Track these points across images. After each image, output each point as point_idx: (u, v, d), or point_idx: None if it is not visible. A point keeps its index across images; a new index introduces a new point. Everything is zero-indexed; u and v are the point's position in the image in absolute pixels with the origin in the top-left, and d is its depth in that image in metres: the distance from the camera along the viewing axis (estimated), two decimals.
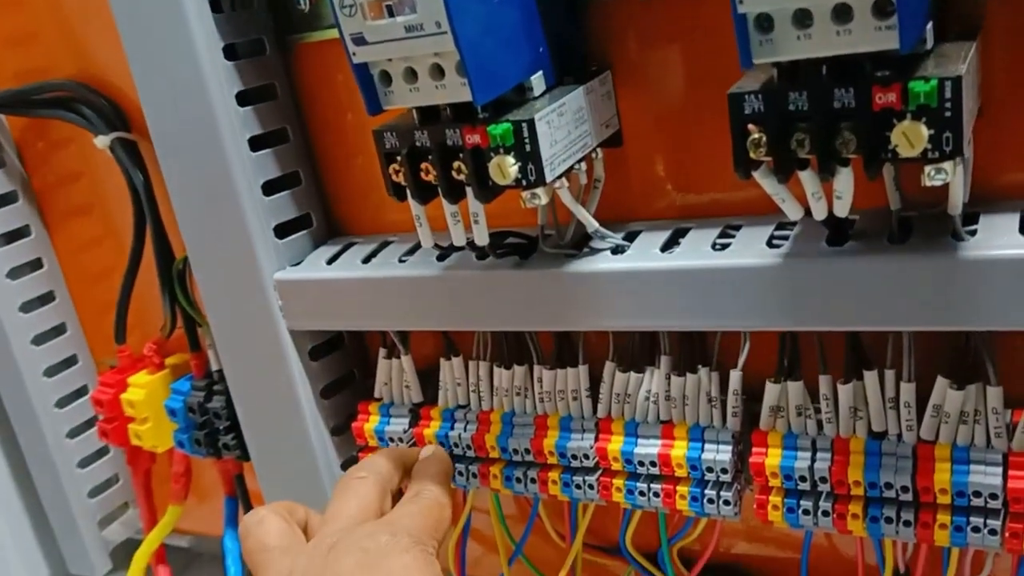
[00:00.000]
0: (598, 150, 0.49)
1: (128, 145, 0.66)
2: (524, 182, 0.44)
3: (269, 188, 0.58)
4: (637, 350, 0.54)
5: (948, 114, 0.35)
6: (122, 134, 0.65)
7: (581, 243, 0.51)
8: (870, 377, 0.47)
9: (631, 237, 0.50)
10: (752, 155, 0.38)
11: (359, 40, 0.43)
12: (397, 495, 0.48)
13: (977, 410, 0.45)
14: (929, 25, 0.37)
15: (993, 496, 0.44)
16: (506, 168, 0.43)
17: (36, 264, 0.77)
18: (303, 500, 0.64)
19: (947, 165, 0.36)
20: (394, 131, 0.46)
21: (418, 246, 0.57)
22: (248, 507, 0.73)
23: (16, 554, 0.85)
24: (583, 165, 0.48)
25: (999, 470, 0.44)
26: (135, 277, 0.69)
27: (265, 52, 0.57)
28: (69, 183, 0.75)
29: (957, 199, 0.40)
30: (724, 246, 0.47)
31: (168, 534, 0.79)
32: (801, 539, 0.56)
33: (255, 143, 0.57)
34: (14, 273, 0.76)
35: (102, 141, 0.65)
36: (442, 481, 0.47)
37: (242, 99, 0.56)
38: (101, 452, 0.83)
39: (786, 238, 0.46)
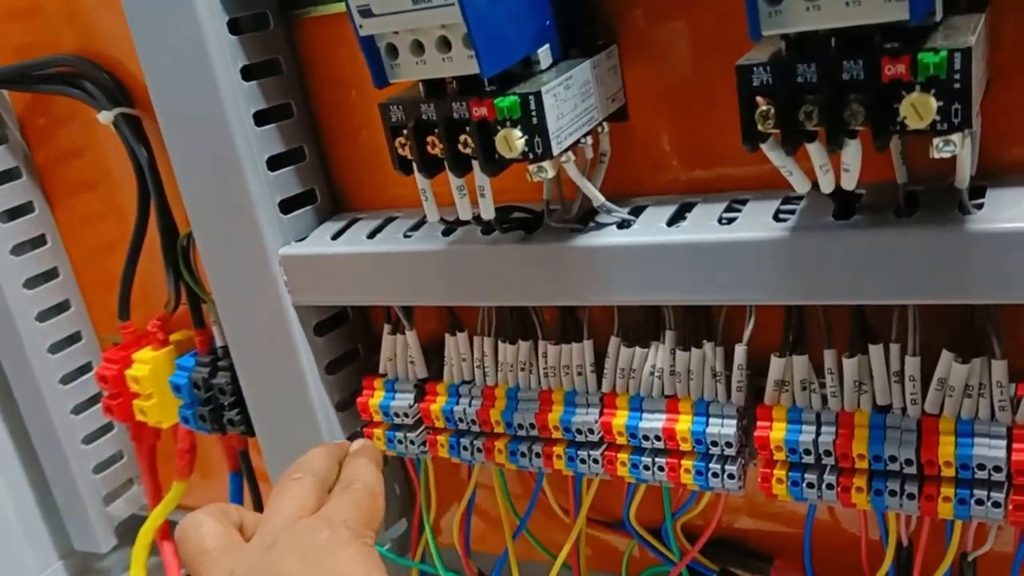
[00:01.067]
0: (604, 124, 0.49)
1: (131, 121, 0.65)
2: (531, 155, 0.43)
3: (273, 163, 0.58)
4: (642, 325, 0.54)
5: (957, 85, 0.35)
6: (125, 109, 0.65)
7: (587, 218, 0.51)
8: (875, 351, 0.47)
9: (637, 212, 0.50)
10: (760, 127, 0.38)
11: (366, 12, 0.43)
12: None
13: (982, 384, 0.45)
14: None
15: (997, 468, 0.44)
16: (513, 141, 0.43)
17: (39, 241, 0.77)
18: None
19: (956, 137, 0.36)
20: (400, 104, 0.46)
21: (423, 221, 0.57)
22: (253, 483, 0.74)
23: (22, 530, 0.86)
24: (589, 139, 0.48)
25: (1003, 443, 0.45)
26: (139, 253, 0.69)
27: (269, 26, 0.57)
28: (72, 159, 0.75)
29: (964, 172, 0.40)
30: (730, 220, 0.47)
31: (173, 510, 0.80)
32: (804, 515, 0.57)
33: (259, 118, 0.57)
34: (17, 250, 0.76)
35: (105, 116, 0.65)
36: (372, 471, 0.47)
37: (246, 74, 0.56)
38: (105, 428, 0.83)
39: (793, 212, 0.46)
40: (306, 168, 0.60)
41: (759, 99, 0.38)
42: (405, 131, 0.46)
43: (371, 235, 0.57)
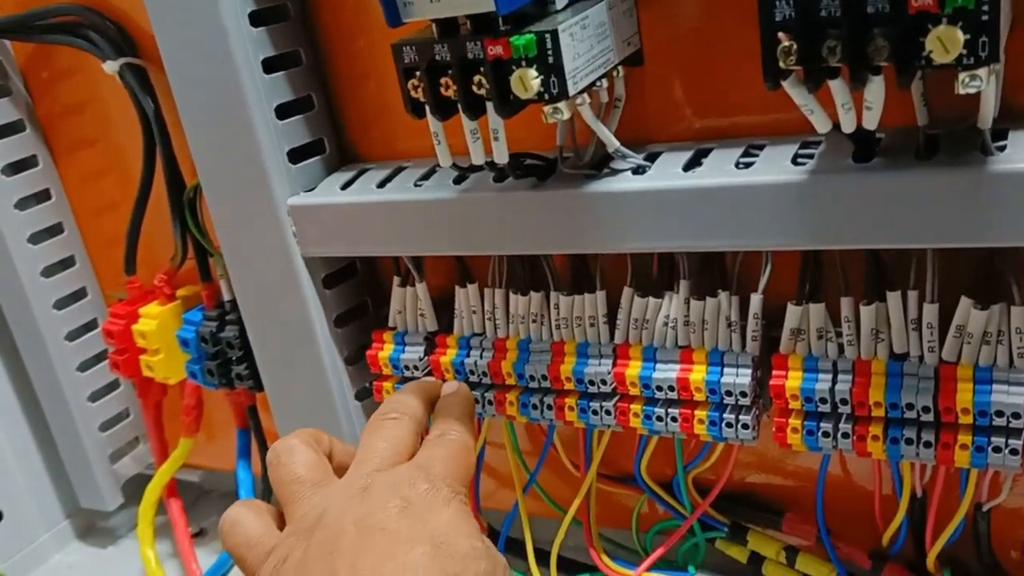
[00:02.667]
0: (619, 68, 0.48)
1: (137, 71, 0.65)
2: (546, 95, 0.43)
3: (282, 112, 0.57)
4: (656, 275, 0.53)
5: (985, 17, 0.34)
6: (131, 59, 0.64)
7: (601, 164, 0.50)
8: (893, 298, 0.46)
9: (652, 158, 0.49)
10: (782, 64, 0.38)
11: None
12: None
13: (1001, 330, 0.45)
14: None
15: (1016, 415, 0.44)
16: (528, 81, 0.42)
17: (44, 195, 0.76)
18: (316, 427, 0.65)
19: (982, 72, 0.35)
20: (413, 45, 0.45)
21: (433, 171, 0.56)
22: (261, 439, 0.73)
23: (28, 488, 0.86)
24: (604, 83, 0.47)
25: (1022, 389, 0.44)
26: (145, 206, 0.69)
27: None
28: (76, 113, 0.74)
29: (988, 111, 0.39)
30: (748, 164, 0.46)
31: (179, 467, 0.80)
32: (816, 469, 0.56)
33: (268, 66, 0.56)
34: (22, 204, 0.75)
35: (111, 67, 0.64)
36: (467, 422, 0.45)
37: (255, 20, 0.55)
38: (111, 386, 0.82)
39: (811, 156, 0.45)
40: (315, 117, 0.59)
41: (781, 35, 0.37)
42: (418, 73, 0.45)
43: (381, 184, 0.56)
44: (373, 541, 0.36)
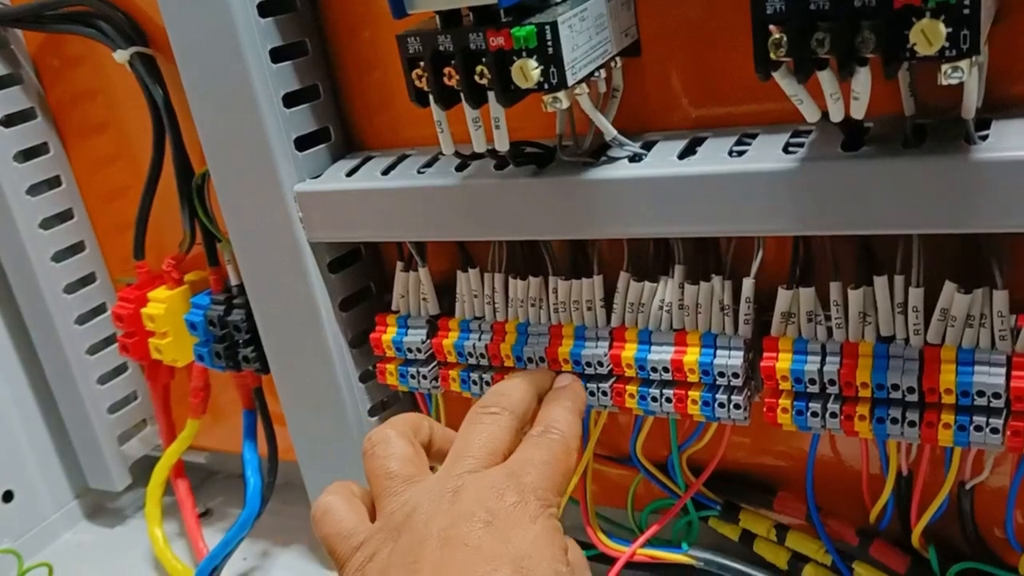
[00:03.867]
0: (617, 59, 0.50)
1: (147, 60, 0.66)
2: (546, 85, 0.44)
3: (289, 100, 0.59)
4: (651, 260, 0.55)
5: (967, 11, 0.36)
6: (141, 49, 0.66)
7: (599, 152, 0.52)
8: (880, 282, 0.48)
9: (648, 146, 0.51)
10: (773, 55, 0.39)
11: None
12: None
13: (983, 314, 0.46)
14: None
15: (996, 395, 0.46)
16: (528, 71, 0.44)
17: (54, 182, 0.78)
18: (322, 411, 0.67)
19: (964, 64, 0.37)
20: (417, 36, 0.46)
21: (436, 159, 0.57)
22: (267, 421, 0.75)
23: (38, 469, 0.87)
24: (602, 73, 0.48)
25: (1003, 371, 0.46)
26: (154, 192, 0.70)
27: None
28: (85, 100, 0.76)
29: (971, 101, 0.41)
30: (741, 153, 0.48)
31: (186, 449, 0.81)
32: (806, 449, 0.58)
33: (275, 55, 0.57)
34: (33, 190, 0.77)
35: (121, 56, 0.66)
36: (574, 421, 0.43)
37: (263, 10, 0.56)
38: (120, 369, 0.84)
39: (802, 145, 0.47)
40: (321, 106, 0.61)
41: (772, 27, 0.39)
42: (422, 63, 0.47)
43: (385, 172, 0.58)
44: (455, 556, 0.35)
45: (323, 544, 0.40)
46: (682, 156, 0.49)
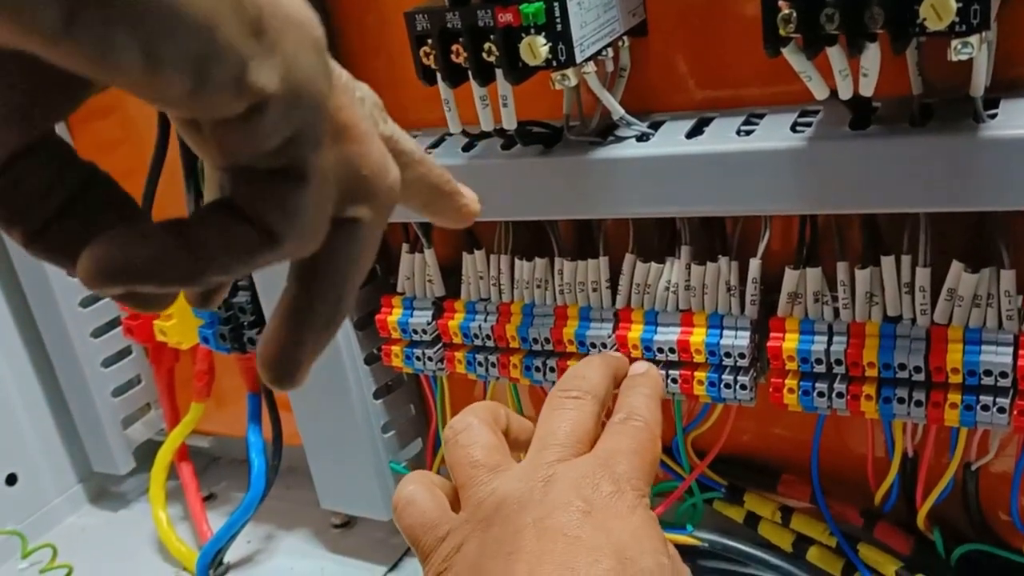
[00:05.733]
0: (624, 38, 0.50)
1: None
2: (554, 62, 0.44)
3: None
4: (657, 241, 0.55)
5: None
6: None
7: (606, 132, 0.52)
8: (887, 262, 0.48)
9: (655, 126, 0.51)
10: (782, 31, 0.39)
11: None
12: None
13: (990, 293, 0.46)
14: None
15: (1003, 375, 0.46)
16: (537, 48, 0.44)
17: None
18: (327, 391, 0.67)
19: (973, 39, 0.37)
20: (425, 13, 0.46)
21: (443, 139, 0.57)
22: (271, 403, 0.75)
23: (42, 452, 0.88)
24: (610, 52, 0.48)
25: (1010, 349, 0.46)
26: (159, 175, 0.70)
27: None
28: None
29: (980, 78, 0.41)
30: (748, 132, 0.48)
31: (191, 432, 0.82)
32: (811, 433, 0.58)
33: None
34: None
35: None
36: (655, 408, 0.40)
37: None
38: (124, 353, 0.84)
39: (809, 124, 0.47)
40: None
41: (781, 3, 0.39)
42: (430, 40, 0.46)
43: None
44: (554, 547, 0.33)
45: (405, 535, 0.38)
46: (690, 136, 0.49)
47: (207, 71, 0.19)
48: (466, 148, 0.55)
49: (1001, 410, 0.46)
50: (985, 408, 0.47)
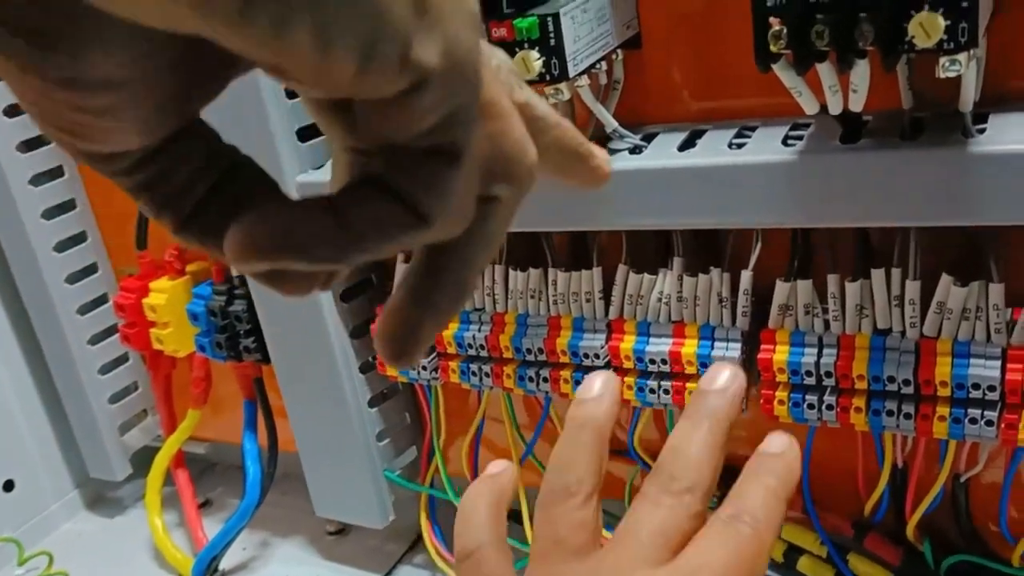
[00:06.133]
0: (618, 51, 0.50)
1: None
2: (548, 76, 0.45)
3: (292, 92, 0.59)
4: (650, 252, 0.55)
5: (965, 4, 0.36)
6: None
7: (599, 145, 0.52)
8: (877, 275, 0.48)
9: (648, 139, 0.51)
10: (773, 48, 0.40)
11: None
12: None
13: (979, 307, 0.47)
14: None
15: (991, 388, 0.46)
16: (530, 62, 0.44)
17: (57, 172, 0.78)
18: (322, 399, 0.67)
19: (961, 57, 0.37)
20: None
21: None
22: (267, 412, 0.75)
23: (39, 458, 0.88)
24: (603, 65, 0.49)
25: (998, 363, 0.46)
26: None
27: None
28: None
29: (968, 94, 0.41)
30: (740, 145, 0.48)
31: (187, 439, 0.82)
32: (802, 446, 0.58)
33: None
34: (36, 180, 0.77)
35: None
36: (775, 507, 0.31)
37: None
38: (121, 359, 0.85)
39: (801, 138, 0.47)
40: None
41: (772, 19, 0.39)
42: None
43: None
44: None
45: None
46: (682, 148, 0.50)
47: (374, 50, 0.18)
48: None
49: (989, 423, 0.47)
50: (973, 421, 0.47)
